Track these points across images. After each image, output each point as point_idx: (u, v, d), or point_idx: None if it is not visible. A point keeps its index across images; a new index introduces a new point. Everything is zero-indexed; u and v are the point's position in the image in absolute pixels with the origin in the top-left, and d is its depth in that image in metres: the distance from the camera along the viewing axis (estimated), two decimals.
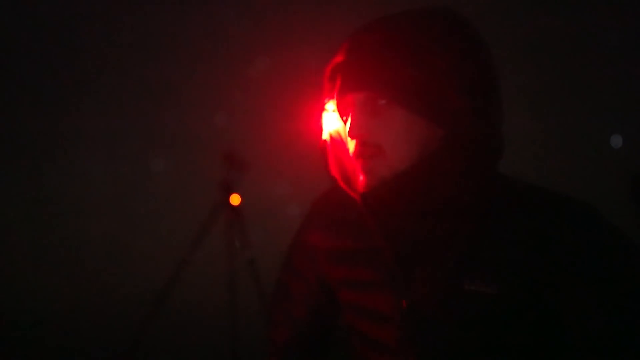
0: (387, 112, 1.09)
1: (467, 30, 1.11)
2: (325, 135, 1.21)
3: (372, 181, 1.11)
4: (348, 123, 1.12)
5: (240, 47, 3.90)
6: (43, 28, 3.97)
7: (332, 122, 1.21)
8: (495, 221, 1.10)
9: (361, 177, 1.13)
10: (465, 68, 1.07)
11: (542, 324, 1.10)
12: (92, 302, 3.81)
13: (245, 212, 3.50)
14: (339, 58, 1.15)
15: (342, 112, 1.16)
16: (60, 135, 4.09)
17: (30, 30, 3.99)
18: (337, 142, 1.21)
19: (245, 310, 3.32)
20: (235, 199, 3.47)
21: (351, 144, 1.13)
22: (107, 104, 4.10)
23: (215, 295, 3.47)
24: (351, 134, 1.10)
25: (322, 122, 1.21)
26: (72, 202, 4.08)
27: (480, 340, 1.11)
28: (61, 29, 3.95)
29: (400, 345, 1.13)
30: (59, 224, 4.08)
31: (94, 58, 4.05)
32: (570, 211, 1.09)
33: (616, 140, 3.63)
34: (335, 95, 1.15)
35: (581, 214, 1.08)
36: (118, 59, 4.04)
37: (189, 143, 4.00)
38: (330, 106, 1.20)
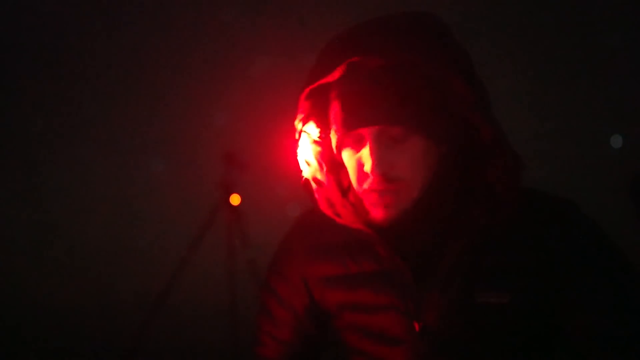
0: (406, 142, 1.05)
1: (454, 38, 1.08)
2: (307, 171, 1.16)
3: (393, 214, 1.08)
4: (366, 158, 1.06)
5: (240, 47, 3.90)
6: (43, 28, 3.97)
7: (307, 149, 1.16)
8: (499, 229, 1.10)
9: (375, 211, 1.09)
10: (471, 84, 1.05)
11: (550, 327, 1.10)
12: (92, 302, 3.81)
13: (245, 212, 3.50)
14: (328, 79, 1.09)
15: (345, 144, 1.10)
16: (61, 135, 4.09)
17: (30, 30, 3.99)
18: (322, 170, 1.17)
19: (245, 310, 3.31)
20: (235, 199, 3.47)
21: (369, 179, 1.07)
22: (107, 104, 4.10)
23: (215, 295, 3.47)
24: (376, 171, 1.05)
25: (301, 152, 1.16)
26: (72, 202, 4.08)
27: (492, 353, 1.10)
28: (61, 29, 3.95)
29: None
30: (59, 224, 4.08)
31: (94, 58, 4.04)
32: (561, 211, 1.11)
33: (616, 140, 3.62)
34: (338, 128, 1.08)
35: (570, 213, 1.11)
36: (118, 60, 4.04)
37: (189, 143, 4.00)
38: (312, 129, 1.16)
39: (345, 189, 1.18)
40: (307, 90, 1.11)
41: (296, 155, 1.17)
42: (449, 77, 1.04)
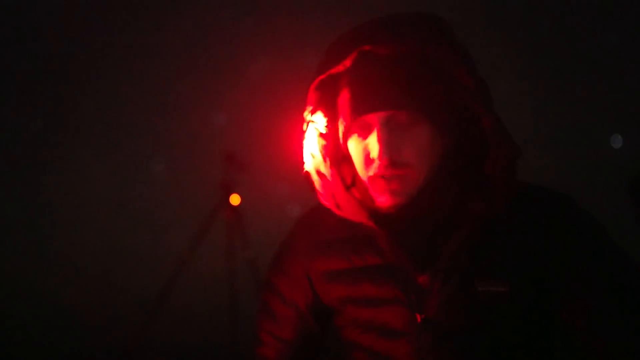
0: (413, 129, 1.07)
1: (457, 38, 1.11)
2: (310, 163, 1.17)
3: (399, 200, 1.09)
4: (374, 144, 1.07)
5: (240, 47, 3.90)
6: (43, 28, 3.97)
7: (313, 141, 1.17)
8: (498, 220, 1.12)
9: (381, 197, 1.10)
10: (474, 76, 1.08)
11: (548, 316, 1.12)
12: (93, 303, 3.81)
13: (245, 212, 3.51)
14: (339, 68, 1.10)
15: (352, 131, 1.11)
16: (61, 135, 4.10)
17: (31, 30, 3.99)
18: (328, 160, 1.18)
19: (245, 310, 3.31)
20: (235, 199, 3.48)
21: (375, 165, 1.08)
22: (107, 105, 4.10)
23: (215, 295, 3.47)
24: (384, 156, 1.06)
25: (307, 143, 1.17)
26: (72, 203, 4.08)
27: (493, 342, 1.11)
28: (61, 29, 3.95)
29: (412, 359, 1.13)
30: (59, 225, 4.08)
31: (94, 59, 4.05)
32: (558, 203, 1.14)
33: (616, 140, 3.63)
34: (345, 114, 1.10)
35: (567, 205, 1.14)
36: (118, 60, 4.04)
37: (189, 143, 4.00)
38: (319, 118, 1.17)
39: (347, 185, 1.19)
40: (317, 80, 1.12)
41: (297, 154, 1.18)
42: (454, 67, 1.07)
